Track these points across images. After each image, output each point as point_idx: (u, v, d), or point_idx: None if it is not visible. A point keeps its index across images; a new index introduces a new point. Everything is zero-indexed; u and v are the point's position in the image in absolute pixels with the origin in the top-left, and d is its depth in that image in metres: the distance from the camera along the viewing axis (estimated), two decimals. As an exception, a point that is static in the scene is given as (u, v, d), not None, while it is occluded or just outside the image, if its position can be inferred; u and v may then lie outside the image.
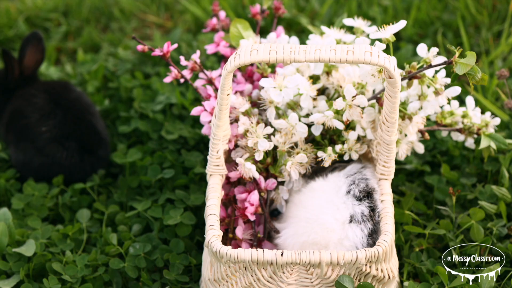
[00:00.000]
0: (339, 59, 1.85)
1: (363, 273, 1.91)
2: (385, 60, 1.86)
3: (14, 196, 2.47)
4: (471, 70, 1.95)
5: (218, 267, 1.94)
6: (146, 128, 2.69)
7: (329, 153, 2.06)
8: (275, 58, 1.87)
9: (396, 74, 1.88)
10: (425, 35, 3.32)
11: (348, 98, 2.02)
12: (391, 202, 2.01)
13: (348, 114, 2.03)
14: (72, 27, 3.64)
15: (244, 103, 2.15)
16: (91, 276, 2.20)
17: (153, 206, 2.36)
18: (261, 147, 2.06)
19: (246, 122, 2.11)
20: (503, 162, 2.38)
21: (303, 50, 1.86)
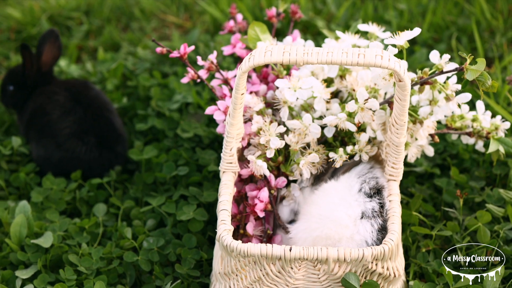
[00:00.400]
0: (351, 62, 1.90)
1: (369, 271, 1.96)
2: (396, 64, 1.91)
3: (34, 190, 2.55)
4: (481, 76, 1.99)
5: (228, 261, 2.00)
6: (163, 126, 2.76)
7: (340, 154, 2.10)
8: (289, 60, 1.92)
9: (405, 77, 1.92)
10: (440, 40, 3.35)
11: (361, 101, 2.07)
12: (399, 202, 2.06)
13: (360, 117, 2.08)
14: (94, 26, 3.73)
15: (259, 102, 2.20)
16: (105, 268, 2.27)
17: (167, 202, 2.42)
18: (273, 145, 2.11)
19: (260, 120, 2.16)
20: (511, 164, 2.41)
21: (316, 53, 1.92)
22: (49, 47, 2.69)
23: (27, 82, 2.75)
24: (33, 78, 2.73)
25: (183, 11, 3.81)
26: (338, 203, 2.03)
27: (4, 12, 3.80)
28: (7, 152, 2.72)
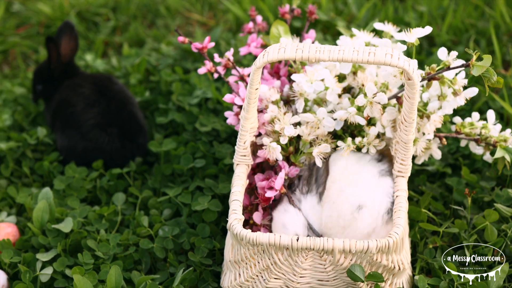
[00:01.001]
0: (361, 60, 1.96)
1: (374, 263, 2.01)
2: (405, 63, 1.96)
3: (57, 178, 2.65)
4: (487, 72, 2.04)
5: (238, 249, 2.08)
6: (182, 120, 2.84)
7: (348, 143, 2.17)
8: (301, 57, 1.99)
9: (414, 76, 1.98)
10: (459, 42, 3.38)
11: (369, 95, 2.13)
12: (406, 198, 2.11)
13: (369, 110, 2.13)
14: (120, 22, 3.83)
15: (275, 93, 2.27)
16: (122, 254, 2.36)
17: (183, 193, 2.51)
18: (288, 132, 2.18)
19: (275, 110, 2.24)
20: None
21: (328, 50, 1.98)
22: (66, 38, 2.81)
23: (54, 76, 2.86)
24: (58, 71, 2.85)
25: (207, 10, 3.90)
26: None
27: (35, 7, 3.93)
28: (33, 141, 2.83)
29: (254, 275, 2.09)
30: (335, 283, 2.07)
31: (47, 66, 2.89)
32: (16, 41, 3.74)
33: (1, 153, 2.83)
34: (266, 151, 2.19)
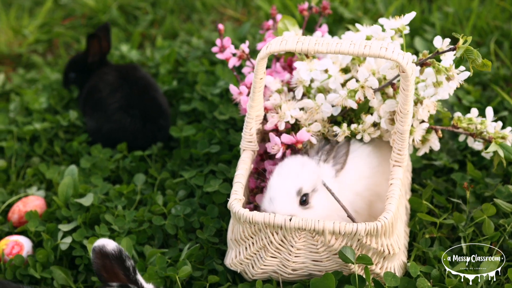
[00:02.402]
0: (357, 53, 2.07)
1: (364, 245, 2.11)
2: (399, 56, 2.06)
3: (83, 157, 2.85)
4: (471, 53, 2.11)
5: (238, 228, 2.21)
6: (203, 108, 3.00)
7: (343, 129, 2.28)
8: (301, 48, 2.11)
9: (408, 68, 2.07)
10: (483, 43, 3.41)
11: (361, 80, 2.24)
12: (399, 186, 2.20)
13: (361, 94, 2.24)
14: (158, 16, 4.03)
15: (277, 83, 2.40)
16: (136, 229, 2.53)
17: (197, 175, 2.66)
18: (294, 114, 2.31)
19: (277, 98, 2.36)
20: (524, 165, 2.49)
21: (326, 43, 2.10)
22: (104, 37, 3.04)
23: (88, 67, 3.10)
24: (93, 64, 3.09)
25: (241, 6, 4.05)
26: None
27: (81, 0, 4.17)
28: (65, 123, 3.05)
29: (252, 253, 2.22)
30: (328, 264, 2.18)
31: (84, 58, 3.12)
32: (60, 32, 3.98)
33: (36, 133, 3.05)
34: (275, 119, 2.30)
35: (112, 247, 1.93)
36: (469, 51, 2.13)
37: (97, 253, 1.94)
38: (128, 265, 1.93)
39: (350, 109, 2.38)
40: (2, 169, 2.91)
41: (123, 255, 1.92)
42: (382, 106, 2.29)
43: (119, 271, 1.93)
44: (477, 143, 2.43)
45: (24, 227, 2.57)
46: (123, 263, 1.92)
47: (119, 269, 1.93)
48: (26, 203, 2.67)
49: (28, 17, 4.09)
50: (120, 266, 1.92)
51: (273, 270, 2.23)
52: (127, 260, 1.93)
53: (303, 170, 2.18)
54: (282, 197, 2.13)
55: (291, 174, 2.16)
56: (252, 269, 2.24)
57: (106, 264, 1.94)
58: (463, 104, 2.94)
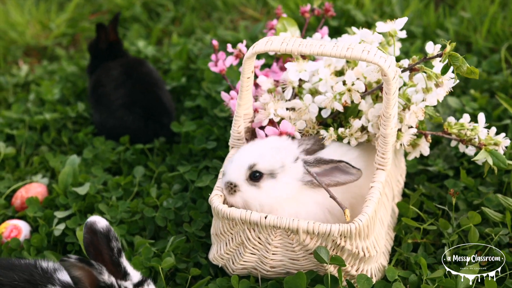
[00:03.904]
0: (339, 55, 2.08)
1: (339, 247, 2.12)
2: (381, 59, 2.06)
3: (87, 148, 2.94)
4: (456, 60, 2.10)
5: (218, 223, 2.25)
6: (206, 105, 3.05)
7: (330, 132, 2.29)
8: (285, 49, 2.14)
9: (390, 72, 2.07)
10: (497, 50, 3.36)
11: (349, 83, 2.24)
12: (380, 189, 2.19)
13: (347, 97, 2.24)
14: (179, 14, 4.10)
15: (268, 82, 2.43)
16: (129, 220, 2.60)
17: (191, 170, 2.72)
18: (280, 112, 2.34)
19: (267, 98, 2.39)
20: (514, 174, 2.45)
21: (310, 44, 2.12)
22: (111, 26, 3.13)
23: (99, 54, 3.18)
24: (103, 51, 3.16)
25: (261, 5, 4.09)
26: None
27: (109, -4, 4.28)
28: (73, 114, 3.15)
29: (232, 249, 2.25)
30: (305, 263, 2.20)
31: (97, 43, 3.21)
32: (85, 26, 4.10)
33: (47, 122, 3.16)
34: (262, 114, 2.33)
35: (102, 225, 1.98)
36: (455, 58, 2.12)
37: (88, 228, 2.00)
38: (112, 246, 1.97)
39: (341, 112, 2.39)
40: (11, 156, 3.03)
41: (111, 235, 1.97)
42: (371, 110, 2.30)
43: (103, 249, 1.97)
44: (470, 148, 2.40)
45: (24, 212, 2.67)
46: (108, 243, 1.97)
47: (104, 247, 1.97)
48: (29, 190, 2.77)
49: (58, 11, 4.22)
50: (105, 245, 1.97)
51: (253, 267, 2.26)
52: (113, 241, 1.97)
53: (269, 150, 2.19)
54: (233, 166, 2.18)
55: (253, 150, 2.20)
56: (232, 265, 2.28)
57: (94, 241, 1.99)
58: (465, 110, 2.90)
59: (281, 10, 2.84)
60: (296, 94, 2.47)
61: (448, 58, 2.13)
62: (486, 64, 3.21)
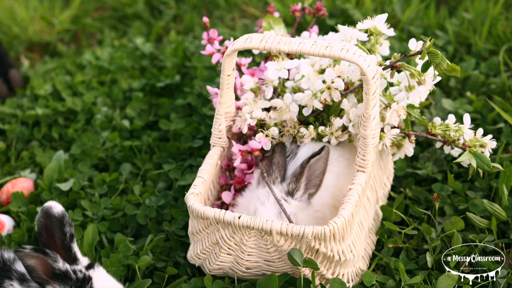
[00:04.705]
0: (318, 53, 2.04)
1: (313, 249, 2.08)
2: (360, 58, 2.01)
3: (75, 144, 2.93)
4: (436, 57, 2.04)
5: (194, 222, 2.22)
6: (197, 103, 3.03)
7: (310, 131, 2.24)
8: (264, 47, 2.10)
9: (368, 71, 2.02)
10: (498, 52, 3.28)
11: (328, 81, 2.19)
12: (359, 192, 2.14)
13: (327, 95, 2.20)
14: (181, 11, 4.08)
15: (251, 81, 2.39)
16: (110, 217, 2.58)
17: (175, 168, 2.69)
18: (255, 114, 2.30)
19: (249, 97, 2.36)
20: (501, 179, 2.38)
21: (288, 42, 2.07)
22: None
23: None
24: None
25: (262, 4, 4.05)
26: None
27: (111, -8, 4.27)
28: (63, 109, 3.14)
29: (207, 248, 2.22)
30: (280, 265, 2.15)
31: None
32: (88, 23, 4.10)
33: (38, 118, 3.15)
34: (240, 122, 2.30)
35: (57, 211, 2.02)
36: (434, 55, 2.06)
37: (43, 213, 2.03)
38: (66, 231, 2.00)
39: (323, 110, 2.34)
40: (2, 151, 3.03)
41: (65, 220, 2.00)
42: (353, 110, 2.25)
43: (56, 233, 2.00)
44: (457, 150, 2.33)
45: (8, 207, 2.67)
46: (62, 228, 1.99)
47: (57, 232, 2.00)
48: (15, 185, 2.77)
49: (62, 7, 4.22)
50: (59, 229, 1.99)
51: (229, 267, 2.23)
52: (67, 226, 2.00)
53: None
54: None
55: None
56: (209, 265, 2.25)
57: (48, 225, 2.01)
58: (459, 113, 2.83)
59: (274, 8, 2.80)
60: (280, 93, 2.43)
61: (428, 56, 2.07)
62: (484, 66, 3.13)
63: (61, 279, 1.97)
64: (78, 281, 1.98)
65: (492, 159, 2.59)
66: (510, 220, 2.33)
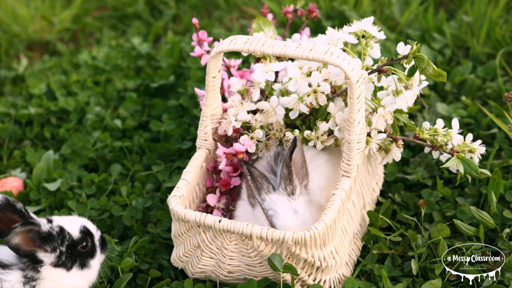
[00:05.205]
0: (301, 56, 2.01)
1: (294, 254, 2.05)
2: (344, 62, 1.98)
3: (65, 143, 2.92)
4: (422, 62, 2.00)
5: (176, 224, 2.20)
6: (188, 104, 3.01)
7: (295, 134, 2.21)
8: (248, 49, 2.08)
9: (352, 75, 1.99)
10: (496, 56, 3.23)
11: (314, 84, 2.17)
12: (342, 197, 2.11)
13: (312, 99, 2.17)
14: (181, 11, 4.07)
15: (238, 83, 2.37)
16: (97, 218, 2.57)
17: (163, 170, 2.67)
18: (241, 117, 2.27)
19: (236, 99, 2.33)
20: (490, 185, 2.34)
21: (272, 45, 2.05)
22: None
23: None
24: None
25: (262, 5, 4.02)
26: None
27: (112, -9, 4.27)
28: (56, 109, 3.13)
29: (190, 251, 2.20)
30: (261, 270, 2.13)
31: None
32: (88, 22, 4.10)
33: (31, 117, 3.15)
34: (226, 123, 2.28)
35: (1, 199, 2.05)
36: (420, 60, 2.03)
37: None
38: (19, 208, 2.04)
39: (311, 114, 2.32)
40: (-6, 150, 3.04)
41: (11, 201, 2.03)
42: (339, 114, 2.22)
43: (13, 216, 2.03)
44: (446, 155, 2.29)
45: (-4, 206, 2.66)
46: (13, 208, 2.03)
47: (13, 215, 2.03)
48: (4, 184, 2.77)
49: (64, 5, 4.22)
50: (12, 211, 2.03)
51: (211, 271, 2.21)
52: (16, 204, 2.04)
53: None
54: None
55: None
56: (191, 268, 2.23)
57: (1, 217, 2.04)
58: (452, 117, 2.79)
59: (267, 9, 2.78)
60: (267, 96, 2.41)
61: (414, 60, 2.04)
62: (481, 70, 3.09)
63: (47, 240, 2.07)
64: (59, 234, 2.09)
65: (484, 165, 2.55)
66: (499, 227, 2.29)
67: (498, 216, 2.31)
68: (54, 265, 2.09)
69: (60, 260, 2.09)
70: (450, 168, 2.22)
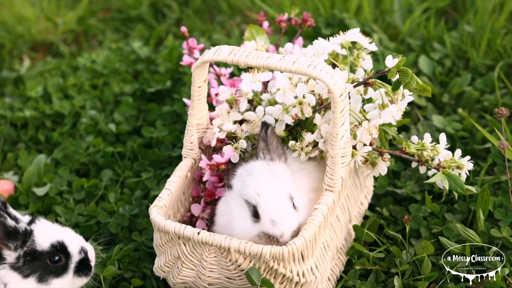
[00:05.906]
0: (285, 68, 1.99)
1: (272, 269, 2.03)
2: (327, 75, 1.96)
3: (57, 148, 2.93)
4: (405, 76, 1.97)
5: (157, 234, 2.19)
6: (182, 111, 3.00)
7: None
8: (232, 60, 2.06)
9: (335, 89, 1.96)
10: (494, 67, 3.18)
11: (300, 96, 2.14)
12: (324, 212, 2.08)
13: (298, 110, 2.15)
14: (184, 15, 4.06)
15: (226, 92, 2.35)
16: (84, 224, 2.56)
17: (152, 177, 2.66)
18: (225, 127, 2.26)
19: (224, 108, 2.32)
20: (478, 203, 2.30)
21: (256, 56, 2.03)
22: None
23: None
24: None
25: (265, 10, 4.00)
26: None
27: (117, -6, 4.27)
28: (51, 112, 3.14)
29: (171, 262, 2.19)
30: (241, 283, 2.11)
31: None
32: (92, 24, 4.11)
33: (27, 120, 3.16)
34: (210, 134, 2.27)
35: None
36: (404, 73, 2.00)
37: None
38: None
39: (299, 125, 2.29)
40: (-12, 152, 3.05)
41: None
42: (324, 126, 2.19)
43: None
44: (434, 171, 2.25)
45: (-15, 209, 2.67)
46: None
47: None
48: (-4, 187, 2.78)
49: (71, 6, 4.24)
50: None
51: (192, 282, 2.19)
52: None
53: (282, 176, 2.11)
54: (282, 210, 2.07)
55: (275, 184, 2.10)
56: (172, 278, 2.22)
57: None
58: (446, 130, 2.75)
59: (263, 17, 2.76)
60: (255, 106, 2.39)
61: (399, 74, 2.00)
62: (480, 82, 3.04)
63: (12, 236, 2.02)
64: (24, 235, 2.03)
65: (475, 180, 2.51)
66: (486, 247, 2.25)
67: (486, 234, 2.27)
68: (11, 266, 2.03)
69: (17, 263, 2.02)
70: (437, 183, 2.19)
